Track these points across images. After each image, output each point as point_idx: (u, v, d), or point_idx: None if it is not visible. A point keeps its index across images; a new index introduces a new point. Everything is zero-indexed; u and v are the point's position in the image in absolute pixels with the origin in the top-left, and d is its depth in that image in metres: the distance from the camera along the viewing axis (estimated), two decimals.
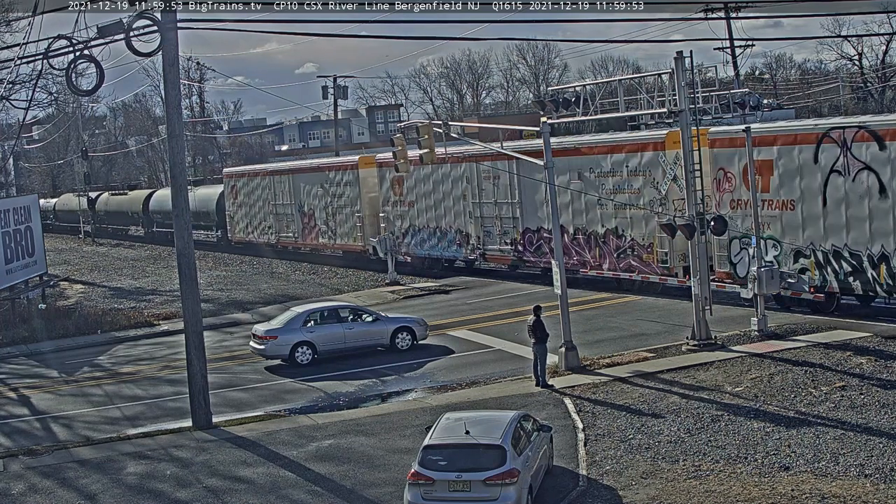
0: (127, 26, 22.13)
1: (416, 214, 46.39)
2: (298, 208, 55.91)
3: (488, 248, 41.78)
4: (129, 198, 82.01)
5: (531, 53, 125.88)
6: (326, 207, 52.88)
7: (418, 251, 46.52)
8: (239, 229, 63.42)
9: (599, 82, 33.55)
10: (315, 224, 54.28)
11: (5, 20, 44.72)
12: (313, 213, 54.34)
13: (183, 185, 23.89)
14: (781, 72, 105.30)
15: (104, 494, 19.36)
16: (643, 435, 20.16)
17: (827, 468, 17.49)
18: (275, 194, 58.39)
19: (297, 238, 56.55)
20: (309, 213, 54.87)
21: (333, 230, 52.47)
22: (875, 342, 25.36)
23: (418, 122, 32.51)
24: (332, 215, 52.41)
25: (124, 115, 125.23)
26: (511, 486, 15.86)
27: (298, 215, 56.01)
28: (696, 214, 26.36)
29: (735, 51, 58.76)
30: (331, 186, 52.36)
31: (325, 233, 53.37)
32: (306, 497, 18.44)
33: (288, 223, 57.31)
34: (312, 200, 54.38)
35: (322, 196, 53.21)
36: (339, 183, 51.63)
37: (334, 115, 75.82)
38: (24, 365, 33.50)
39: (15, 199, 54.11)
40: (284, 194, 57.39)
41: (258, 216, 60.80)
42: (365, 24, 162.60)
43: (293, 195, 56.40)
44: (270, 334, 29.41)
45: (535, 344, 24.54)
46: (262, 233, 60.56)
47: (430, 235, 45.59)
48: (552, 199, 27.33)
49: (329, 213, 52.73)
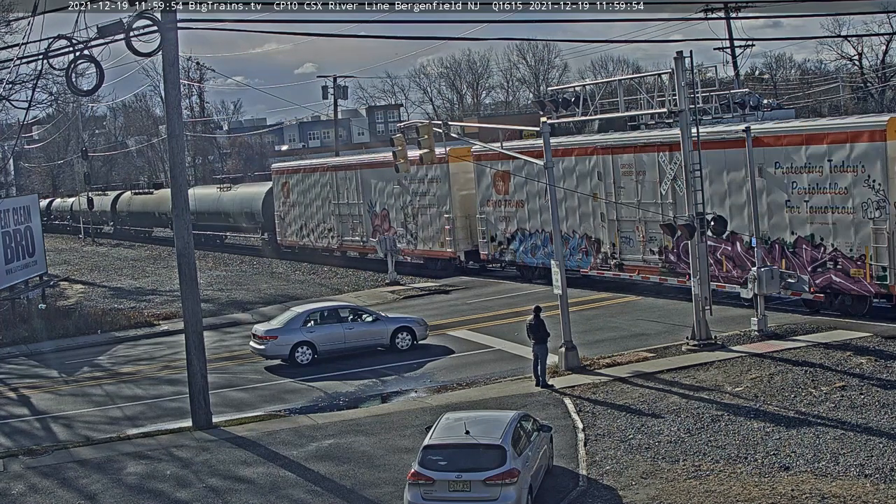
0: (127, 26, 22.14)
1: (525, 216, 39.94)
2: (368, 208, 50.22)
3: (627, 256, 35.27)
4: (154, 197, 75.77)
5: (531, 53, 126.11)
6: (405, 207, 47.16)
7: (529, 259, 40.05)
8: (291, 232, 57.52)
9: (599, 82, 33.67)
10: (390, 226, 48.47)
11: (5, 20, 44.71)
12: (388, 213, 48.72)
13: (183, 185, 23.88)
14: (781, 72, 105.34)
15: (104, 494, 19.36)
16: (643, 435, 20.16)
17: (827, 468, 17.49)
18: (338, 192, 52.56)
19: (367, 242, 50.29)
20: (382, 214, 49.22)
21: (414, 234, 46.75)
22: (875, 342, 25.37)
23: (418, 122, 32.52)
24: (413, 217, 46.66)
25: (124, 115, 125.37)
26: (511, 486, 15.86)
27: (368, 216, 50.32)
28: (695, 214, 26.35)
29: (735, 51, 58.80)
30: (411, 183, 46.21)
31: (402, 237, 47.36)
32: (306, 497, 18.44)
33: (354, 225, 51.39)
34: (387, 199, 48.65)
35: (400, 194, 47.39)
36: (422, 179, 45.37)
37: (334, 115, 75.80)
38: (24, 365, 33.51)
39: (15, 199, 54.08)
40: (350, 192, 51.50)
41: (316, 217, 54.93)
42: (365, 24, 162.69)
43: (362, 193, 50.56)
44: (270, 334, 29.42)
45: (536, 344, 24.54)
46: (320, 236, 54.80)
47: (545, 241, 38.74)
48: (552, 200, 27.31)
49: (408, 215, 46.99)
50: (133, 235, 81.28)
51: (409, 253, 47.23)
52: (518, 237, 40.33)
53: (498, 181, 41.21)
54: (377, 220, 49.46)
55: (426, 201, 45.38)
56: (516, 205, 40.33)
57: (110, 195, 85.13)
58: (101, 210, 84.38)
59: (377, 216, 49.41)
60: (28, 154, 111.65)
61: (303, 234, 56.20)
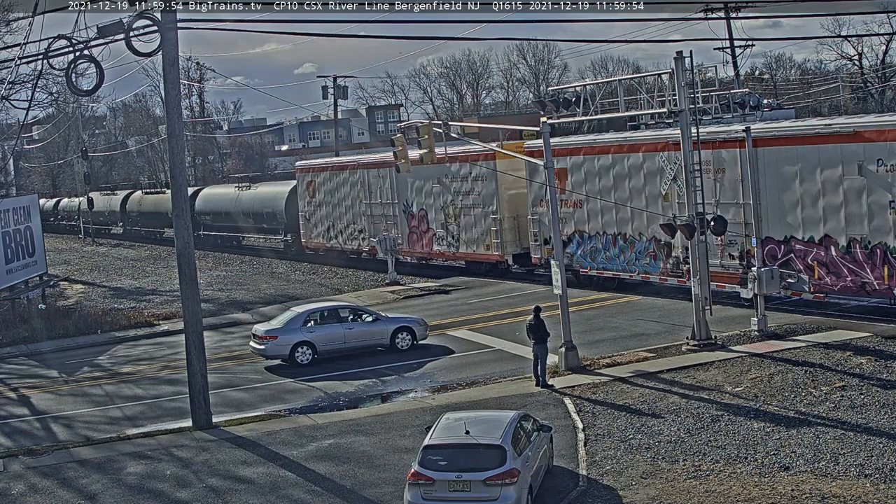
0: (127, 26, 22.14)
1: (584, 217, 37.03)
2: (404, 208, 47.16)
3: None
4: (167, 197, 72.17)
5: (531, 53, 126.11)
6: (446, 208, 44.26)
7: (588, 263, 36.96)
8: (316, 233, 54.70)
9: (599, 82, 33.64)
10: (428, 228, 45.60)
11: (5, 20, 44.72)
12: (426, 214, 45.72)
13: (183, 184, 23.87)
14: (781, 72, 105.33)
15: (104, 494, 19.35)
16: (643, 435, 20.16)
17: (827, 468, 17.49)
18: (369, 191, 49.55)
19: (402, 244, 46.97)
20: (419, 215, 46.11)
21: (455, 235, 43.85)
22: (875, 342, 25.37)
23: (418, 122, 32.51)
24: (454, 217, 43.81)
25: (124, 115, 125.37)
26: (511, 486, 15.86)
27: (404, 217, 47.28)
28: (695, 214, 26.35)
29: (735, 51, 58.81)
30: (453, 182, 43.55)
31: (442, 238, 44.56)
32: (306, 497, 18.44)
33: (388, 226, 47.89)
34: (425, 199, 45.55)
35: (440, 194, 44.41)
36: (465, 177, 42.57)
37: (334, 115, 75.81)
38: (24, 365, 33.50)
39: (15, 198, 54.06)
40: (384, 191, 48.43)
41: (344, 218, 52.11)
42: (365, 24, 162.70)
43: (397, 192, 47.46)
44: (270, 334, 29.41)
45: (536, 344, 24.54)
46: (350, 238, 52.00)
47: (607, 244, 35.93)
48: (552, 201, 27.33)
49: (449, 215, 44.11)
50: (143, 236, 78.68)
51: (450, 256, 44.72)
52: (575, 240, 37.34)
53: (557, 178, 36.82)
54: (414, 221, 46.60)
55: (470, 201, 42.65)
56: (574, 205, 37.24)
57: (119, 195, 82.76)
58: (110, 210, 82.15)
59: (414, 217, 46.47)
60: (28, 154, 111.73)
61: (330, 236, 53.44)
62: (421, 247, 46.48)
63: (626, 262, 34.95)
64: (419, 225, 46.18)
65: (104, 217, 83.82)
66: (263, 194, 60.73)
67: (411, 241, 46.91)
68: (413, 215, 46.48)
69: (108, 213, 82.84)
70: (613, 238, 35.51)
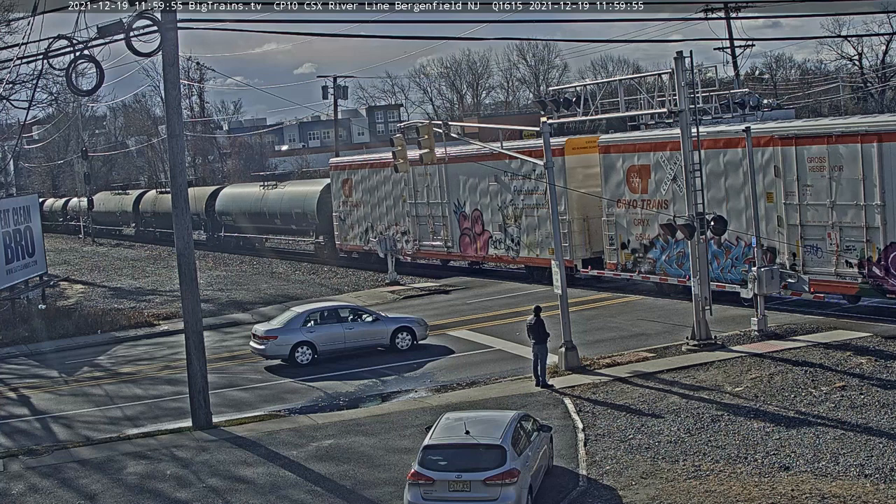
0: (127, 26, 22.16)
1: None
2: (455, 209, 43.72)
3: (812, 269, 28.88)
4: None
5: (531, 53, 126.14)
6: (504, 208, 40.80)
7: (674, 271, 33.28)
8: (352, 235, 51.17)
9: (599, 82, 33.53)
10: (483, 230, 42.13)
11: (5, 20, 44.74)
12: (480, 215, 42.27)
13: (183, 184, 23.87)
14: (781, 72, 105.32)
15: (104, 494, 19.36)
16: (643, 435, 20.16)
17: (827, 468, 17.49)
18: (415, 190, 45.98)
19: (452, 248, 44.22)
20: (473, 216, 42.73)
21: (514, 238, 40.43)
22: (875, 342, 25.37)
23: (418, 122, 32.51)
24: (514, 219, 40.42)
25: (124, 115, 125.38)
26: (511, 486, 15.86)
27: (455, 218, 43.85)
28: (695, 214, 26.36)
29: (735, 51, 58.84)
30: (513, 179, 40.17)
31: (499, 242, 41.26)
32: (306, 497, 18.44)
33: (435, 228, 44.84)
34: (480, 198, 42.19)
35: (497, 193, 40.99)
36: (527, 175, 39.07)
37: (334, 115, 75.78)
38: (24, 365, 33.51)
39: (15, 198, 54.04)
40: (432, 190, 44.93)
41: (386, 219, 48.58)
42: (365, 24, 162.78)
43: (446, 191, 44.05)
44: (270, 334, 29.41)
45: (535, 344, 24.54)
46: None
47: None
48: (552, 201, 27.33)
49: (508, 216, 40.70)
50: (157, 238, 74.76)
51: (507, 260, 41.42)
52: (659, 244, 33.77)
53: (633, 177, 34.54)
54: (466, 223, 43.08)
55: (533, 200, 38.94)
56: (658, 205, 33.55)
57: (132, 194, 79.57)
58: (122, 210, 79.34)
59: (466, 218, 42.95)
60: (28, 154, 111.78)
61: (368, 238, 49.77)
62: (474, 250, 42.83)
63: (721, 270, 31.32)
64: (472, 227, 42.72)
65: (115, 217, 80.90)
66: (292, 194, 57.22)
67: (462, 244, 43.48)
68: (465, 216, 43.10)
69: (119, 213, 79.92)
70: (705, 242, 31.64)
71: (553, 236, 27.23)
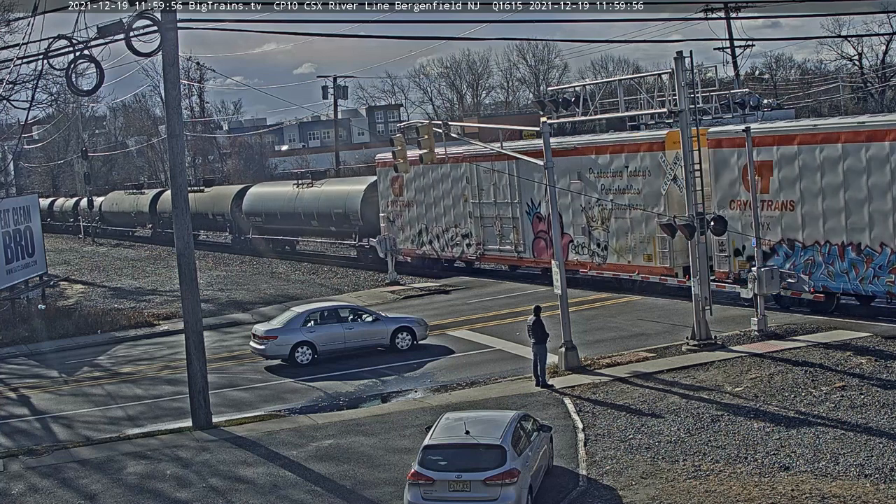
0: (127, 26, 22.16)
1: (797, 222, 29.48)
2: (529, 209, 39.57)
3: None
4: (207, 196, 65.59)
5: (531, 53, 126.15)
6: (589, 209, 36.52)
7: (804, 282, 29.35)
8: (404, 238, 46.76)
9: (599, 82, 33.51)
10: (562, 233, 36.32)
11: (5, 20, 44.74)
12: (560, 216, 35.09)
13: (183, 184, 23.88)
14: (781, 72, 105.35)
15: (104, 494, 19.36)
16: (643, 435, 20.16)
17: (827, 468, 17.49)
18: (479, 189, 41.96)
19: (523, 252, 40.16)
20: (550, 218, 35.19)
21: (602, 243, 35.94)
22: (875, 342, 25.36)
23: (418, 122, 32.50)
24: (601, 221, 36.33)
25: (124, 115, 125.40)
26: (511, 486, 15.86)
27: (528, 220, 39.65)
28: (695, 214, 26.37)
29: (735, 51, 58.88)
30: (601, 177, 36.06)
31: (583, 246, 36.98)
32: (306, 497, 18.44)
33: (503, 231, 40.81)
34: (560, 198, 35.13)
35: (581, 192, 36.71)
36: (618, 172, 34.97)
37: (334, 115, 75.86)
38: (24, 365, 33.51)
39: (15, 199, 54.07)
40: (500, 189, 40.78)
41: (443, 220, 44.49)
42: (365, 24, 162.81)
43: (518, 190, 39.82)
44: (270, 334, 29.42)
45: (535, 344, 24.54)
46: (450, 244, 44.26)
47: (831, 256, 28.52)
48: (552, 201, 27.33)
49: (593, 218, 36.56)
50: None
51: (592, 267, 36.75)
52: (782, 250, 29.88)
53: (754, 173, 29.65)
54: (542, 225, 38.61)
55: (625, 200, 34.63)
56: (782, 206, 29.86)
57: (148, 194, 75.78)
58: (137, 211, 75.94)
59: (542, 220, 38.57)
60: (28, 154, 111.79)
61: (422, 241, 45.94)
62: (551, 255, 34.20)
63: (860, 279, 27.85)
64: (550, 229, 35.49)
65: (129, 218, 77.80)
66: (332, 193, 52.91)
67: (537, 248, 39.09)
68: (541, 218, 38.60)
69: (134, 213, 76.89)
70: (841, 249, 28.24)
71: (555, 238, 27.16)
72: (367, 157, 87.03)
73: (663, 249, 32.96)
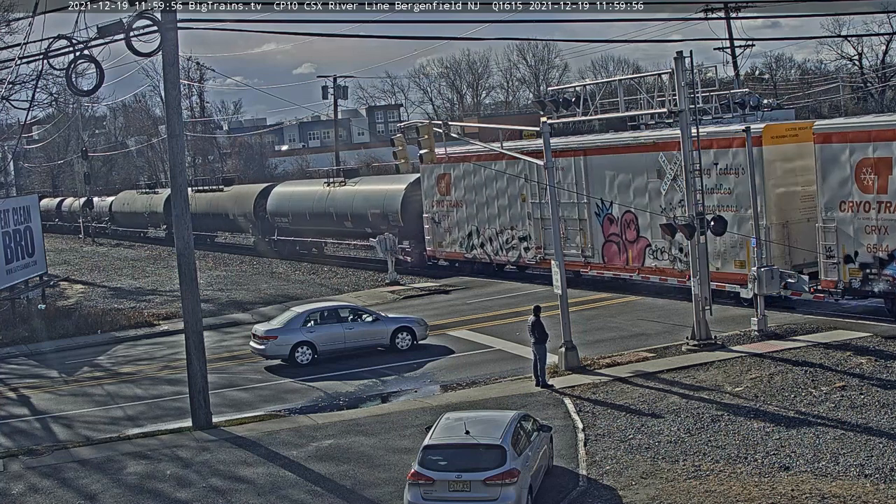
0: (127, 26, 22.16)
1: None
2: (598, 210, 36.20)
3: None
4: (228, 195, 62.82)
5: (531, 53, 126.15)
6: (669, 209, 33.04)
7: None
8: (450, 240, 43.95)
9: (599, 82, 33.47)
10: (638, 237, 34.57)
11: (5, 20, 44.76)
12: (634, 218, 34.66)
13: (183, 184, 23.87)
14: (781, 72, 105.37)
15: (104, 494, 19.36)
16: (643, 435, 20.16)
17: (827, 468, 17.49)
18: (539, 188, 38.26)
19: (591, 257, 36.60)
20: (624, 219, 35.10)
21: (684, 247, 31.46)
22: (875, 342, 25.37)
23: (418, 122, 32.51)
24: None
25: (124, 115, 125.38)
26: (511, 486, 15.86)
27: (597, 222, 36.26)
28: (695, 214, 26.36)
29: (735, 51, 58.85)
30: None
31: (662, 251, 33.71)
32: (306, 497, 18.44)
33: (567, 233, 36.65)
34: (634, 198, 34.59)
35: (660, 191, 33.80)
36: (706, 170, 30.27)
37: (334, 115, 75.79)
38: (24, 365, 33.51)
39: (15, 199, 54.08)
40: (565, 188, 37.07)
41: (497, 221, 41.41)
42: (365, 24, 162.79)
43: (586, 189, 36.59)
44: (270, 334, 29.42)
45: (535, 344, 24.55)
46: (505, 247, 41.08)
47: None
48: (552, 200, 27.33)
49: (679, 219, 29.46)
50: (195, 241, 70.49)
51: (674, 274, 33.40)
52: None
53: (864, 172, 27.25)
54: (613, 227, 35.46)
55: (714, 200, 31.15)
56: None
57: (162, 193, 71.92)
58: (150, 211, 73.60)
59: (614, 221, 35.37)
60: (28, 154, 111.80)
61: (472, 244, 42.81)
62: (624, 261, 35.07)
63: None
64: (623, 232, 35.03)
65: (141, 219, 75.73)
66: (369, 192, 49.57)
67: (607, 252, 35.82)
68: (613, 219, 35.45)
69: (147, 214, 74.66)
70: None
71: (554, 238, 27.16)
72: (367, 157, 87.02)
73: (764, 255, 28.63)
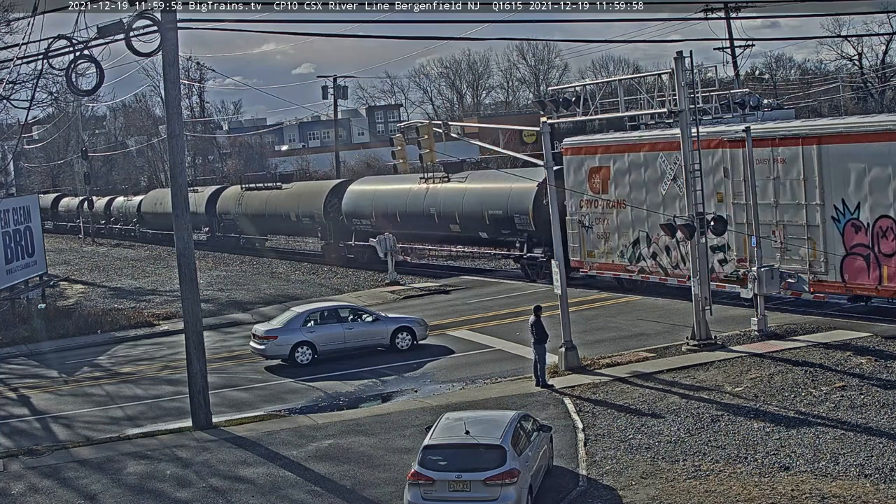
0: (127, 26, 22.17)
1: None
2: (836, 214, 28.22)
3: None
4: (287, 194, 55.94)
5: (531, 53, 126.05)
6: None
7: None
8: (604, 250, 35.82)
9: (599, 82, 33.47)
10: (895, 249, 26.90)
11: (5, 20, 44.76)
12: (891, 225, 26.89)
13: (183, 184, 23.86)
14: (781, 72, 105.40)
15: (104, 494, 19.36)
16: (643, 435, 20.16)
17: (827, 468, 17.49)
18: (743, 185, 30.19)
19: (823, 273, 28.62)
20: (878, 226, 27.19)
21: None
22: (875, 342, 25.36)
23: (418, 122, 32.51)
24: None
25: (124, 115, 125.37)
26: (511, 486, 15.86)
27: (834, 228, 28.31)
28: (695, 214, 26.36)
29: (735, 51, 58.85)
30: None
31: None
32: (306, 497, 18.44)
33: (786, 243, 29.52)
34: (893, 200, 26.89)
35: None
36: None
37: (334, 115, 75.82)
38: (24, 365, 33.51)
39: (15, 199, 54.05)
40: (782, 185, 29.51)
41: None
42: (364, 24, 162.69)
43: (818, 187, 28.63)
44: (270, 334, 29.42)
45: (535, 344, 24.55)
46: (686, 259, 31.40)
47: None
48: (552, 200, 27.32)
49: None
50: (242, 246, 61.04)
51: None
52: None
53: None
54: (860, 237, 27.63)
55: None
56: None
57: (202, 191, 65.97)
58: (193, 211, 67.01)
59: (861, 228, 27.61)
60: (28, 154, 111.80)
61: (637, 255, 34.62)
62: (876, 279, 27.33)
63: None
64: (874, 244, 27.29)
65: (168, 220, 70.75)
66: (485, 191, 42.04)
67: (849, 268, 27.97)
68: (859, 226, 27.68)
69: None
70: None
71: (555, 239, 27.15)
72: (367, 157, 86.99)
73: None
